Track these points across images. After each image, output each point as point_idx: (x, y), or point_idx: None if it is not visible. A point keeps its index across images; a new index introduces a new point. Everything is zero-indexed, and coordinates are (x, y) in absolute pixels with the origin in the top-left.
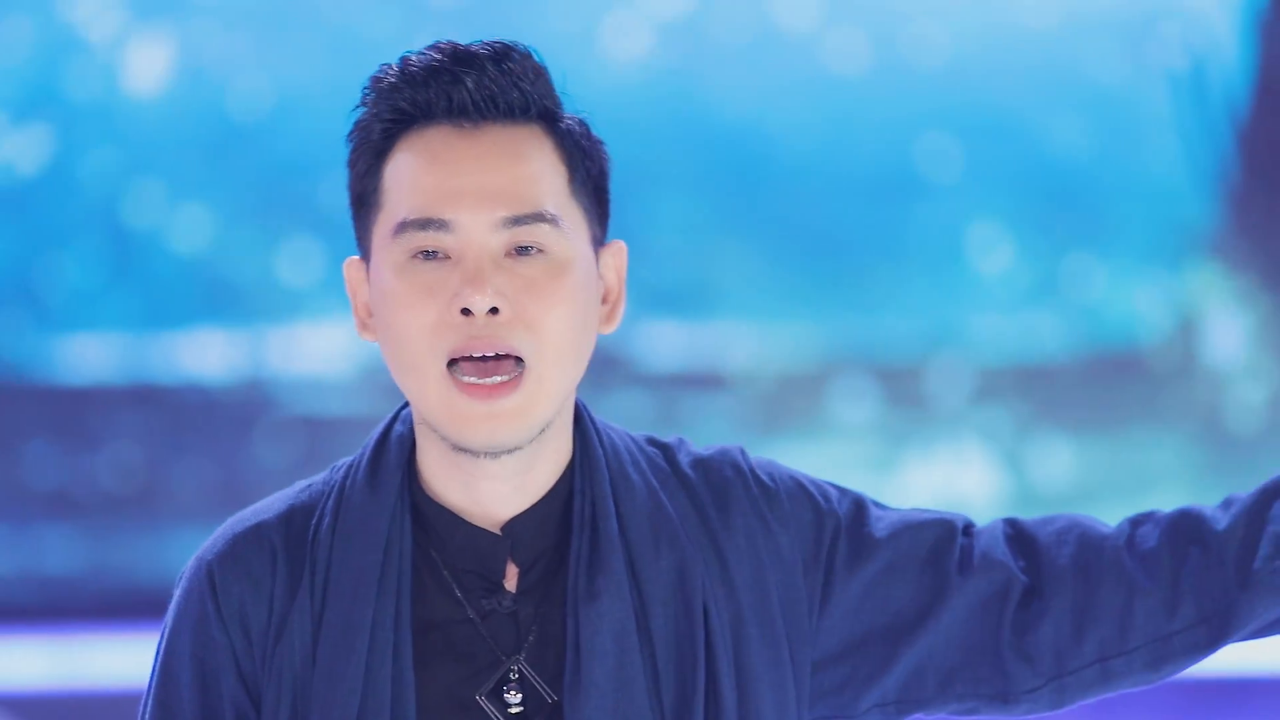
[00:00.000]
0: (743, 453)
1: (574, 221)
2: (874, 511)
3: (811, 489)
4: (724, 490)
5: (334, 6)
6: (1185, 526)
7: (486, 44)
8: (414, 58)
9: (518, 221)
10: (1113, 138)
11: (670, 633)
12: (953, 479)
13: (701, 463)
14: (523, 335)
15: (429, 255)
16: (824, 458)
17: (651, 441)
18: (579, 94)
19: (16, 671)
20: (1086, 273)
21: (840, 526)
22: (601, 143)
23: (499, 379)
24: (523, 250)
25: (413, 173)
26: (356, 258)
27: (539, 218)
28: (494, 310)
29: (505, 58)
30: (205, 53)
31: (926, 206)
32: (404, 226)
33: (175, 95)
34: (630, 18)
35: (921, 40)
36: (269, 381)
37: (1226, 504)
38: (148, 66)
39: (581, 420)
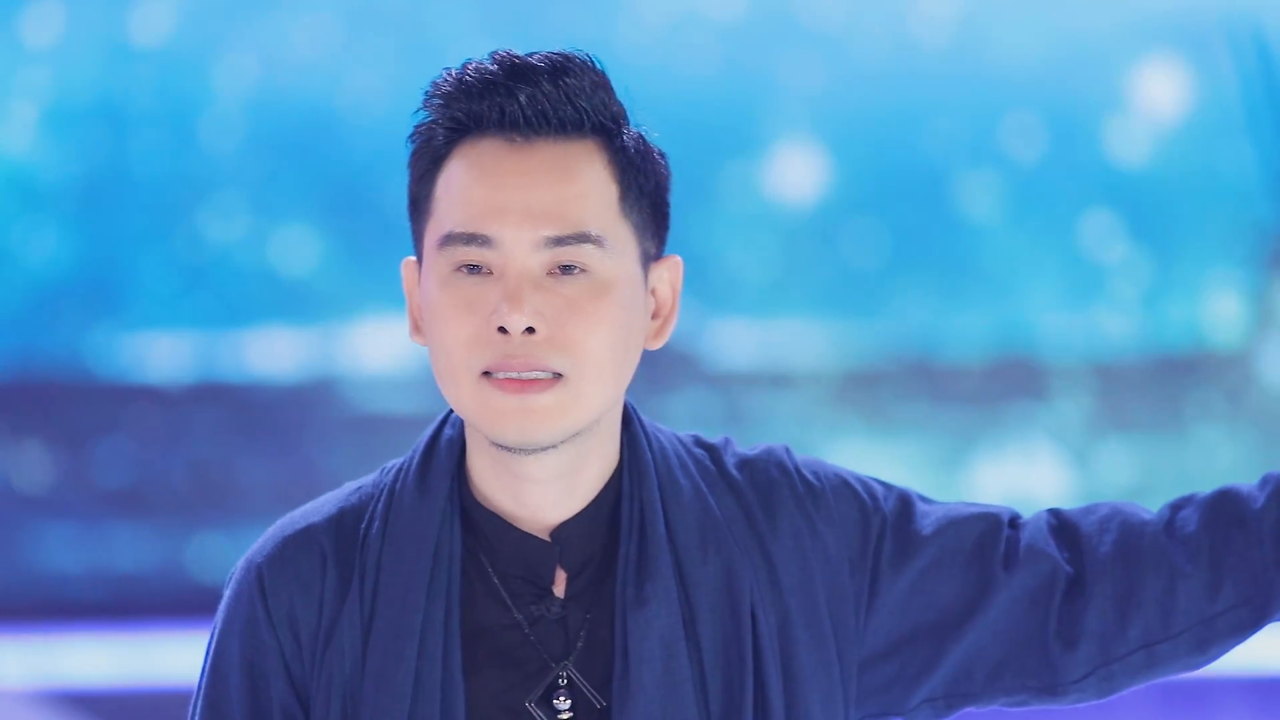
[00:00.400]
0: (788, 451)
1: (621, 240)
2: (920, 507)
3: (857, 486)
4: (769, 491)
5: (408, 13)
6: (1224, 507)
7: (546, 55)
8: (471, 67)
9: (560, 242)
10: (1183, 138)
11: (717, 637)
12: (1020, 478)
13: (748, 463)
14: (559, 355)
15: (472, 269)
16: (892, 456)
17: (699, 442)
18: (643, 95)
19: (87, 669)
20: (1155, 273)
21: (886, 524)
22: (661, 155)
23: (534, 375)
24: (565, 269)
25: (462, 184)
26: (413, 259)
27: (583, 238)
28: (530, 330)
29: (563, 71)
30: (281, 58)
31: (994, 204)
32: (449, 239)
33: (251, 99)
34: (690, 17)
35: (988, 37)
36: (339, 380)
37: (1264, 482)
38: (226, 71)
39: (630, 423)
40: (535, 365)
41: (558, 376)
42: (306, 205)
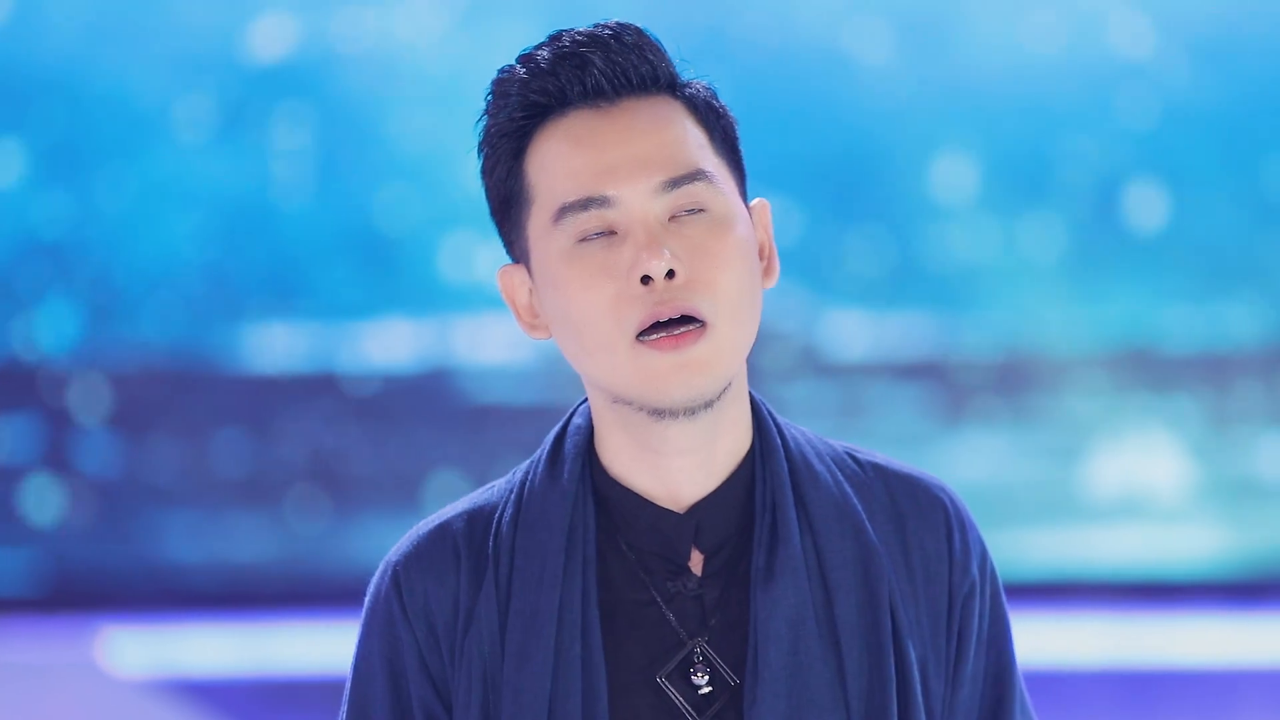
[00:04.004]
0: (955, 494)
1: (724, 177)
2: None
3: (1002, 594)
4: (930, 513)
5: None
6: None
7: (601, 25)
8: (536, 52)
9: (675, 184)
10: None
11: (856, 621)
12: (1138, 469)
13: (907, 479)
14: (701, 295)
15: (596, 235)
16: (1011, 448)
17: (845, 447)
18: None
19: (206, 657)
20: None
21: (991, 655)
22: (727, 107)
23: (683, 329)
24: (686, 212)
25: (561, 159)
26: (508, 265)
27: (695, 176)
28: (670, 274)
29: (622, 35)
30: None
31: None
32: (565, 211)
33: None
34: None
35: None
36: (455, 371)
37: None
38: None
39: (759, 412)
40: (683, 307)
41: (703, 326)
42: (429, 193)
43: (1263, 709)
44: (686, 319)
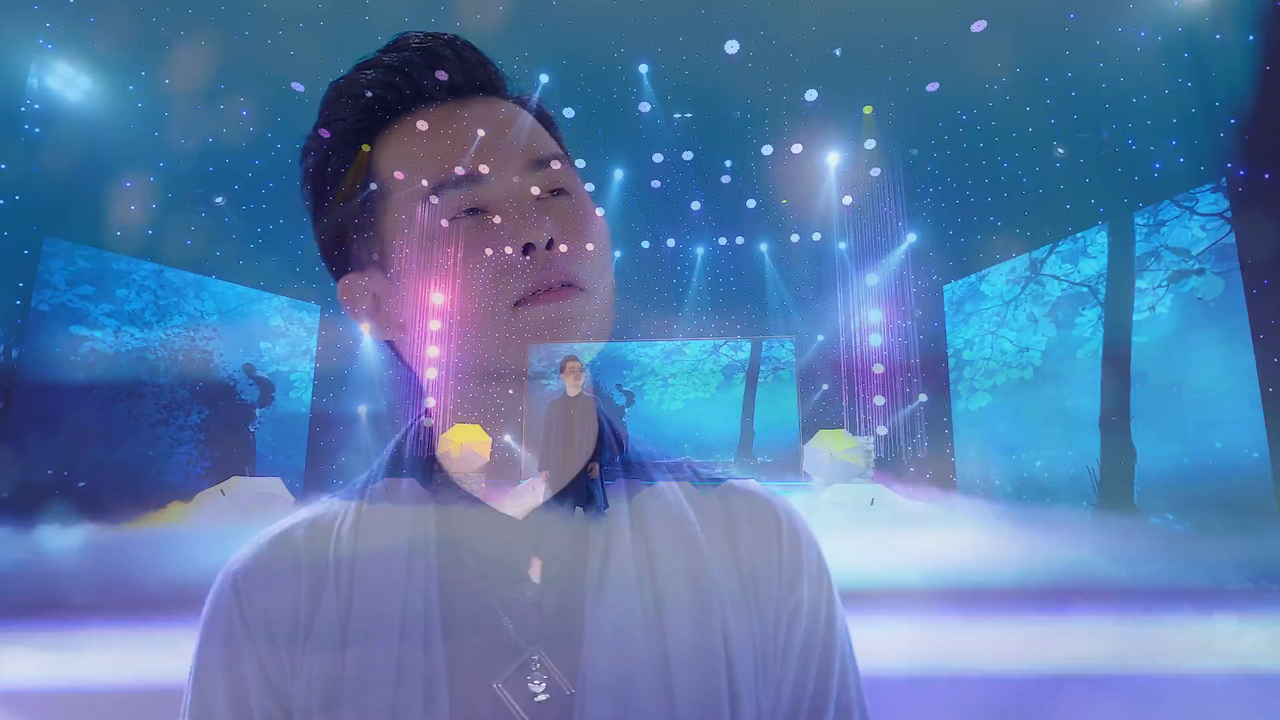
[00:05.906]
0: (793, 510)
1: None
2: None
3: (835, 608)
4: (762, 528)
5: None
6: None
7: (439, 34)
8: (380, 56)
9: (540, 163)
10: None
11: (686, 632)
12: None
13: (744, 493)
14: (578, 264)
15: (466, 213)
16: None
17: (690, 462)
18: None
19: (12, 667)
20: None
21: (819, 640)
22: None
23: (563, 284)
24: (551, 193)
25: (421, 148)
26: (347, 276)
27: (558, 158)
28: (549, 244)
29: (465, 44)
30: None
31: None
32: (435, 191)
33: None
34: None
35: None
36: (265, 380)
37: None
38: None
39: (600, 419)
40: (565, 275)
41: (582, 290)
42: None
43: (1055, 710)
44: (566, 286)
